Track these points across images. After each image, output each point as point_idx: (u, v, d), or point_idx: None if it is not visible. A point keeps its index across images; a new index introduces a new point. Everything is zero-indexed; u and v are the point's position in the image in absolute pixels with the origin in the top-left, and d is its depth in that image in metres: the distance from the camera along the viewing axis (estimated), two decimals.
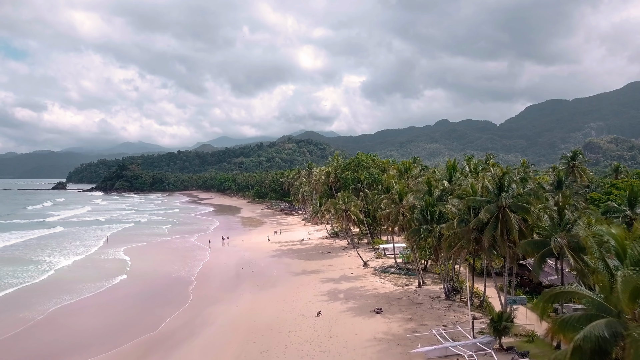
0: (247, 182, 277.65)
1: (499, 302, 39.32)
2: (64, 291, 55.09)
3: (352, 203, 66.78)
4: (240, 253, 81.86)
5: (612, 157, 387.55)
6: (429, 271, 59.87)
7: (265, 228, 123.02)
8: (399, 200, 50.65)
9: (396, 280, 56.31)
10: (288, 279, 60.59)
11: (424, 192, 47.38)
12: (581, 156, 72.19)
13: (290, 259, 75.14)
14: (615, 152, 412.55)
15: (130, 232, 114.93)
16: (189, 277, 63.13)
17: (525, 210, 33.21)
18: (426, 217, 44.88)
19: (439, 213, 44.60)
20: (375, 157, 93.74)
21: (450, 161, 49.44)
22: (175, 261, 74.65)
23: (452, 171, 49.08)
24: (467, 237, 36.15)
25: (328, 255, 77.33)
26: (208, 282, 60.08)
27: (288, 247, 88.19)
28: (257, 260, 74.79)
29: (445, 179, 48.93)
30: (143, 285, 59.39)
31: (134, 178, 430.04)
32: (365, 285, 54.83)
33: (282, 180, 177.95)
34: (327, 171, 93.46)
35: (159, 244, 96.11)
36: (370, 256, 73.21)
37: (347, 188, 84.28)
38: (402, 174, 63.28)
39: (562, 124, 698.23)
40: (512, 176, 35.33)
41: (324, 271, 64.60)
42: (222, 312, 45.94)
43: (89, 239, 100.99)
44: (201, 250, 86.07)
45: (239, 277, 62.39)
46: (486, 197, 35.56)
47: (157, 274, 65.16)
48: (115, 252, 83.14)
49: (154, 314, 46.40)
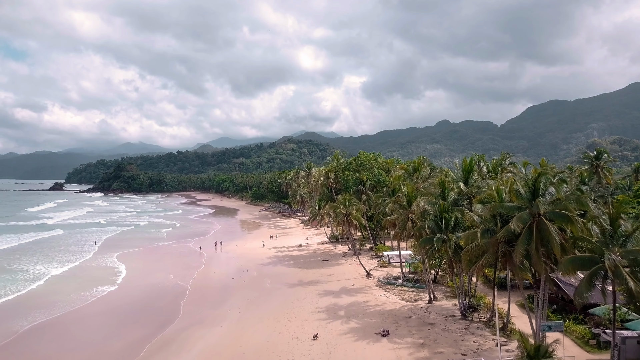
0: (246, 183, 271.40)
1: (530, 327, 33.26)
2: (45, 306, 49.83)
3: (353, 207, 60.42)
4: (233, 260, 75.77)
5: (616, 158, 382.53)
6: (439, 283, 53.78)
7: (261, 232, 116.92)
8: (407, 204, 44.48)
9: (403, 294, 50.23)
10: (282, 292, 54.52)
11: (437, 196, 41.31)
12: (606, 155, 65.86)
13: (286, 268, 69.06)
14: (618, 153, 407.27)
15: (128, 236, 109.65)
16: (182, 288, 57.40)
17: (567, 220, 27.16)
18: (440, 225, 38.82)
19: (455, 220, 38.54)
20: (379, 156, 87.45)
21: (467, 160, 43.17)
22: (170, 269, 69.17)
23: (468, 172, 42.88)
24: (493, 250, 30.10)
25: (327, 263, 71.24)
26: (199, 295, 54.16)
27: (284, 253, 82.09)
28: (251, 268, 68.76)
29: (460, 180, 42.80)
30: (132, 298, 53.75)
31: (132, 179, 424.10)
32: (369, 300, 48.74)
33: (280, 181, 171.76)
34: (326, 172, 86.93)
35: (156, 249, 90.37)
36: (373, 264, 67.14)
37: (348, 190, 78.15)
38: (411, 175, 56.58)
39: (563, 124, 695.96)
40: (549, 177, 29.22)
41: (323, 282, 58.54)
42: (204, 335, 39.79)
43: (86, 243, 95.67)
44: (197, 256, 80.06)
45: (228, 290, 56.27)
46: (517, 203, 29.51)
47: (148, 285, 59.43)
48: (109, 259, 77.64)
49: (134, 335, 40.51)
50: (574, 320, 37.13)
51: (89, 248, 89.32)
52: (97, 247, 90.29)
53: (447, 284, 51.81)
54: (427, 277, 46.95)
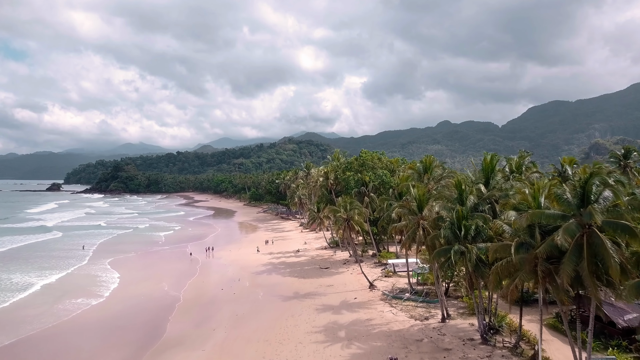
0: (244, 184, 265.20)
1: (574, 356, 27.44)
2: (22, 321, 44.94)
3: (355, 211, 54.45)
4: (224, 268, 69.90)
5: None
6: (450, 296, 47.92)
7: (258, 235, 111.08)
8: (417, 209, 38.61)
9: (412, 311, 44.39)
10: (276, 306, 48.72)
11: (453, 200, 35.49)
12: (636, 154, 59.81)
13: (281, 277, 63.21)
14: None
15: (125, 240, 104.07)
16: (171, 300, 52.00)
17: (628, 232, 21.39)
18: (458, 234, 33.00)
19: (476, 228, 32.70)
20: (383, 155, 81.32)
21: (487, 158, 37.17)
22: (162, 278, 63.90)
23: (489, 172, 37.02)
24: (530, 268, 24.30)
25: (326, 271, 65.39)
26: (186, 309, 48.48)
27: (280, 259, 76.24)
28: (243, 277, 62.97)
29: (480, 182, 36.94)
30: (115, 312, 48.26)
31: (129, 179, 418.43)
32: (373, 318, 42.92)
33: (278, 182, 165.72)
34: (325, 172, 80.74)
35: (151, 254, 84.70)
36: (376, 273, 61.32)
37: (349, 192, 72.23)
38: (420, 176, 50.22)
39: (565, 125, 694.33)
40: (604, 178, 23.37)
41: (321, 294, 52.70)
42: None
43: (80, 248, 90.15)
44: (189, 263, 74.21)
45: (215, 303, 50.42)
46: (559, 210, 23.72)
47: (136, 297, 53.86)
48: (102, 266, 72.25)
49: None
50: (617, 348, 31.38)
51: (83, 253, 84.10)
52: (91, 252, 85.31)
53: (462, 299, 45.96)
54: (440, 293, 41.09)
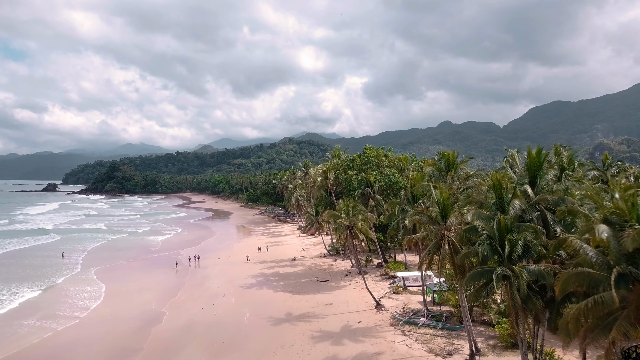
0: (241, 184, 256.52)
1: None
2: None
3: (359, 217, 45.70)
4: (209, 281, 61.27)
5: (624, 159, 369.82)
6: (475, 320, 39.29)
7: (251, 240, 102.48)
8: (440, 217, 30.02)
9: (430, 341, 35.79)
10: (263, 332, 40.15)
11: (490, 206, 26.96)
12: None
13: (273, 292, 54.61)
14: (627, 154, 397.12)
15: (119, 245, 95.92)
16: (147, 323, 43.95)
17: None
18: (500, 252, 24.47)
19: (525, 245, 24.15)
20: (389, 151, 72.38)
21: (532, 151, 28.51)
22: (150, 289, 56.91)
23: (536, 169, 28.38)
24: (636, 314, 15.71)
25: (325, 285, 56.78)
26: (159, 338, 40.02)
27: (274, 269, 67.64)
28: (229, 292, 54.45)
29: (524, 181, 28.31)
30: (88, 340, 40.08)
31: (125, 180, 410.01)
32: (382, 352, 34.31)
33: (275, 182, 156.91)
34: (324, 171, 71.90)
35: (142, 263, 76.51)
36: (383, 288, 52.76)
37: (352, 194, 63.55)
38: (442, 174, 40.24)
39: (567, 125, 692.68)
40: None
41: (319, 316, 44.12)
42: None
43: (72, 254, 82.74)
44: (176, 275, 65.77)
45: (191, 329, 41.77)
46: None
47: (117, 319, 45.66)
48: (88, 277, 64.71)
49: None
50: None
51: (66, 261, 76.38)
52: (81, 259, 77.81)
53: (492, 326, 37.30)
54: (467, 322, 32.47)
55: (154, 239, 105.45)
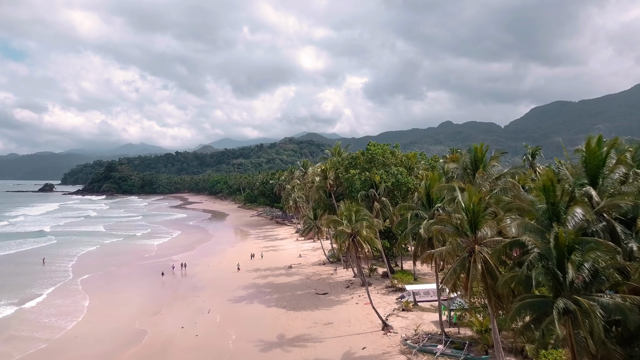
0: (239, 185, 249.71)
1: None
2: None
3: (363, 223, 39.10)
4: (194, 293, 54.77)
5: None
6: (503, 347, 32.74)
7: (247, 244, 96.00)
8: (469, 227, 23.48)
9: None
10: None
11: (539, 215, 20.55)
12: None
13: (264, 307, 48.17)
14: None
15: (112, 250, 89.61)
16: (123, 347, 37.58)
17: None
18: (560, 278, 18.05)
19: (594, 270, 17.74)
20: (396, 148, 65.55)
21: (591, 142, 21.72)
22: (133, 303, 51.03)
23: (598, 165, 21.77)
24: None
25: (325, 299, 50.34)
26: None
27: (268, 279, 61.20)
28: (215, 307, 48.05)
29: (584, 181, 21.71)
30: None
31: (122, 180, 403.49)
32: None
33: (272, 182, 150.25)
34: (323, 169, 65.07)
35: (132, 270, 70.80)
36: (390, 304, 46.32)
37: (354, 195, 57.00)
38: (468, 172, 32.49)
39: (568, 125, 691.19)
40: None
41: (316, 339, 37.66)
42: None
43: (63, 261, 76.72)
44: (162, 286, 59.38)
45: (164, 356, 35.35)
46: None
47: (91, 339, 39.67)
48: (74, 287, 58.67)
49: None
50: None
51: (60, 268, 70.71)
52: (70, 267, 72.09)
53: (525, 356, 30.77)
54: (499, 351, 25.98)
55: (150, 242, 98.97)
